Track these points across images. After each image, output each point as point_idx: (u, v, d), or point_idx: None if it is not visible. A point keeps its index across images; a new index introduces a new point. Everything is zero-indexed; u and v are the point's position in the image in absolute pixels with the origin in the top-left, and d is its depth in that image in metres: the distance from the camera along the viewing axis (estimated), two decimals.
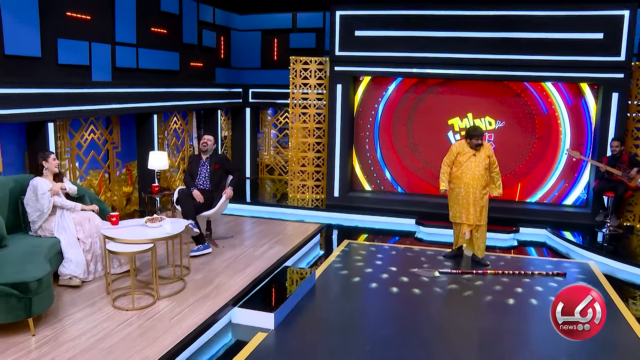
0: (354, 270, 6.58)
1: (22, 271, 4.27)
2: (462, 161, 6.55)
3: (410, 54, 8.95)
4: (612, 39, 8.17)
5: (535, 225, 8.46)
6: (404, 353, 4.58)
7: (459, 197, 6.61)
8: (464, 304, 5.71)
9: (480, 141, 6.50)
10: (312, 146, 10.02)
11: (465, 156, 6.51)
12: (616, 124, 8.33)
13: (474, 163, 6.51)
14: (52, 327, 4.37)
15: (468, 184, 6.48)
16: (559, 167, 9.08)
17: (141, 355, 3.97)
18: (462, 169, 6.55)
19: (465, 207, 6.58)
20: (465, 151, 6.53)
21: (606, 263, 7.07)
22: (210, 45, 10.32)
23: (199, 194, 6.34)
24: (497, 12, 8.53)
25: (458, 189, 6.60)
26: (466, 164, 6.48)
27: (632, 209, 8.63)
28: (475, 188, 6.52)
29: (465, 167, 6.49)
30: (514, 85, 9.03)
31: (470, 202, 6.54)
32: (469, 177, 6.46)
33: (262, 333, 4.78)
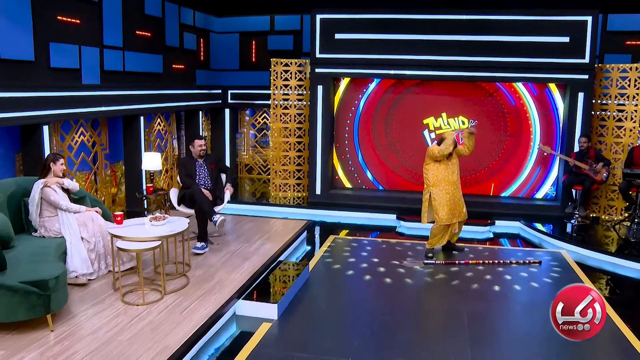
0: (344, 263, 6.90)
1: (39, 270, 4.44)
2: (447, 162, 6.84)
3: (388, 56, 9.31)
4: (577, 42, 8.72)
5: (509, 218, 8.94)
6: (402, 336, 4.92)
7: (449, 198, 6.82)
8: (451, 291, 6.09)
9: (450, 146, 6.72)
10: (293, 145, 10.30)
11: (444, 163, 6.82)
12: (582, 121, 8.89)
13: (455, 162, 6.88)
14: (68, 323, 4.54)
15: (455, 182, 6.82)
16: (531, 163, 9.60)
17: (161, 345, 4.20)
18: (448, 169, 6.81)
19: (457, 205, 6.89)
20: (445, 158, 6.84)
21: (576, 251, 7.58)
22: (191, 48, 10.49)
23: (208, 192, 6.55)
24: (470, 16, 8.98)
25: (447, 189, 6.79)
26: (450, 163, 6.83)
27: (598, 201, 9.23)
28: (459, 185, 6.92)
29: (450, 166, 6.82)
30: (486, 86, 9.50)
31: (459, 198, 6.91)
32: (455, 175, 6.81)
33: (267, 323, 5.05)
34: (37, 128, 6.58)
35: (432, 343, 4.91)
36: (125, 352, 4.08)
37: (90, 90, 7.42)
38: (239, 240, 7.10)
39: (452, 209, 6.84)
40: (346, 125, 10.09)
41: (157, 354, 4.05)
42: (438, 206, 6.84)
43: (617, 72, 8.93)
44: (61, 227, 5.43)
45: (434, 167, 6.81)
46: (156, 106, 9.02)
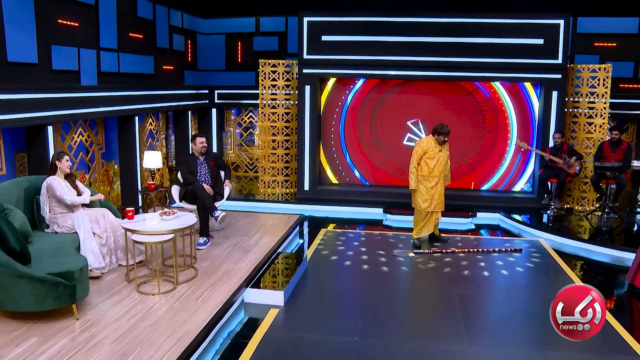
0: (338, 254, 7.30)
1: (64, 262, 4.71)
2: (432, 156, 7.27)
3: (372, 57, 9.71)
4: (551, 44, 9.26)
5: (489, 210, 9.45)
6: (401, 316, 5.36)
7: (433, 189, 7.31)
8: (442, 277, 6.54)
9: (443, 137, 7.28)
10: (281, 144, 10.64)
11: (434, 151, 7.26)
12: (556, 118, 9.45)
13: (442, 157, 7.31)
14: (91, 312, 4.82)
15: (439, 177, 7.27)
16: (509, 158, 10.13)
17: (182, 329, 4.52)
18: (433, 162, 7.26)
19: (439, 197, 7.36)
20: (433, 146, 7.27)
21: (553, 239, 8.11)
22: (179, 49, 10.73)
23: (209, 188, 6.86)
24: (451, 19, 9.45)
25: (431, 181, 7.28)
26: (436, 157, 7.26)
27: (572, 193, 9.82)
28: (442, 179, 7.37)
29: (435, 160, 7.25)
30: (466, 85, 9.99)
31: (441, 191, 7.36)
32: (439, 170, 7.25)
33: (274, 309, 5.40)
34: (42, 129, 6.79)
35: (429, 320, 5.39)
36: (150, 337, 4.40)
37: (90, 92, 7.65)
38: (238, 234, 7.43)
39: (437, 200, 7.33)
40: (332, 123, 10.47)
41: (180, 338, 4.37)
42: (422, 194, 7.34)
43: (587, 72, 9.52)
44: (74, 223, 5.68)
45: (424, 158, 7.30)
46: (149, 106, 9.26)
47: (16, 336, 4.33)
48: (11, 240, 4.53)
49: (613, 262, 7.26)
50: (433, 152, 7.27)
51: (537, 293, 6.16)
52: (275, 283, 5.85)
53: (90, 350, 4.14)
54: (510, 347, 4.83)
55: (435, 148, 7.28)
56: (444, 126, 7.29)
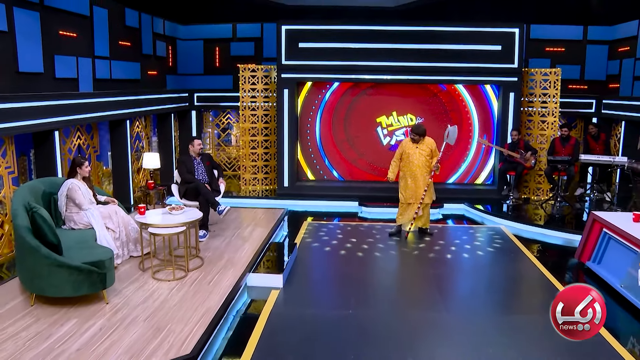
0: (323, 242, 8.09)
1: (94, 253, 5.32)
2: (410, 154, 8.07)
3: (346, 63, 10.52)
4: (507, 50, 10.26)
5: (455, 201, 10.38)
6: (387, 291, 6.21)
7: (409, 183, 8.10)
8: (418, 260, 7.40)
9: (417, 137, 8.04)
10: (260, 143, 11.33)
11: (411, 150, 8.07)
12: (513, 117, 10.46)
13: (418, 154, 8.07)
14: (117, 297, 5.44)
15: (416, 172, 8.04)
16: (471, 154, 11.10)
17: (204, 307, 5.21)
18: (409, 160, 8.05)
19: (415, 190, 8.11)
20: (410, 146, 8.08)
21: (513, 226, 9.08)
22: (162, 55, 11.28)
23: (207, 185, 7.52)
24: (418, 27, 10.35)
25: (408, 176, 8.08)
26: (412, 156, 8.06)
27: (528, 184, 10.89)
28: (421, 174, 8.06)
29: (411, 158, 8.05)
30: (431, 87, 10.90)
31: (419, 186, 8.11)
32: (415, 165, 8.04)
33: (275, 290, 6.13)
34: (49, 134, 7.32)
35: (412, 295, 6.28)
36: (176, 314, 5.07)
37: (88, 98, 8.18)
38: (232, 227, 8.11)
39: (412, 193, 8.10)
40: (309, 124, 11.23)
41: (204, 314, 5.06)
42: (401, 187, 8.20)
43: (540, 75, 10.58)
44: (90, 220, 6.27)
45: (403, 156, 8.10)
46: (138, 110, 9.81)
47: (57, 319, 4.93)
48: (49, 234, 5.13)
49: (565, 244, 8.25)
50: (410, 150, 8.07)
51: (500, 271, 7.14)
52: (273, 268, 6.60)
53: (127, 327, 4.79)
54: (480, 313, 5.74)
55: (412, 146, 8.08)
56: (418, 127, 8.11)
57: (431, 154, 8.12)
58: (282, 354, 4.77)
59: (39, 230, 5.14)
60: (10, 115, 6.43)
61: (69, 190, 6.24)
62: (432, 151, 8.13)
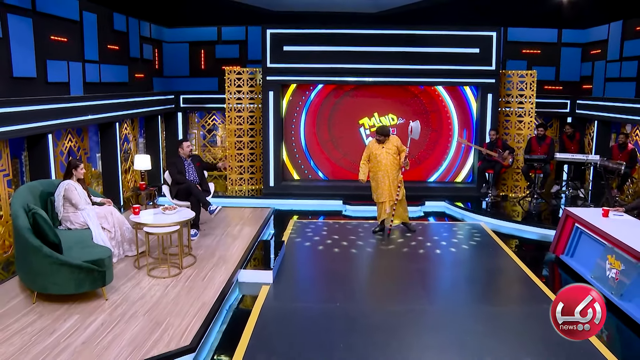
0: (309, 239, 8.40)
1: (93, 252, 5.56)
2: (377, 154, 8.35)
3: (329, 65, 10.83)
4: (485, 53, 10.65)
5: (436, 199, 10.75)
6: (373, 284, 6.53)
7: (379, 182, 8.41)
8: (401, 255, 7.74)
9: (382, 137, 8.28)
10: (246, 144, 11.59)
11: (378, 150, 8.33)
12: (491, 117, 10.87)
13: (384, 154, 8.32)
14: (116, 294, 5.68)
15: (384, 171, 8.30)
16: (451, 153, 11.49)
17: (200, 302, 5.48)
18: (377, 160, 8.34)
19: (385, 189, 8.42)
20: (377, 146, 8.34)
21: (491, 222, 9.47)
22: (148, 58, 11.47)
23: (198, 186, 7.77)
24: (399, 31, 10.69)
25: (378, 176, 8.36)
26: (379, 156, 8.31)
27: (506, 182, 11.32)
28: (390, 173, 8.32)
29: (379, 158, 8.30)
30: (412, 89, 11.25)
31: (388, 183, 8.37)
32: (383, 165, 8.29)
33: (265, 286, 6.42)
34: (42, 137, 7.50)
35: (396, 288, 6.58)
36: (174, 308, 5.33)
37: (79, 102, 8.36)
38: (222, 226, 8.37)
39: (382, 191, 8.36)
40: (293, 125, 11.52)
41: (200, 308, 5.34)
42: (372, 187, 8.50)
43: (516, 77, 11.01)
44: (86, 220, 6.49)
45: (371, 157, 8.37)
46: (127, 113, 10.01)
47: (59, 315, 5.16)
48: (50, 234, 5.35)
49: (541, 239, 8.63)
50: (377, 151, 8.35)
51: (479, 265, 7.51)
52: (263, 264, 6.88)
53: (128, 321, 5.04)
54: (460, 304, 6.10)
55: (379, 147, 8.36)
56: (382, 127, 8.38)
57: (398, 151, 8.36)
58: (276, 344, 5.06)
59: (41, 231, 5.36)
60: (7, 120, 6.61)
61: (65, 190, 6.45)
62: (398, 148, 8.36)
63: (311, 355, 4.84)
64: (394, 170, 8.35)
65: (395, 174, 8.38)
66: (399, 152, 8.38)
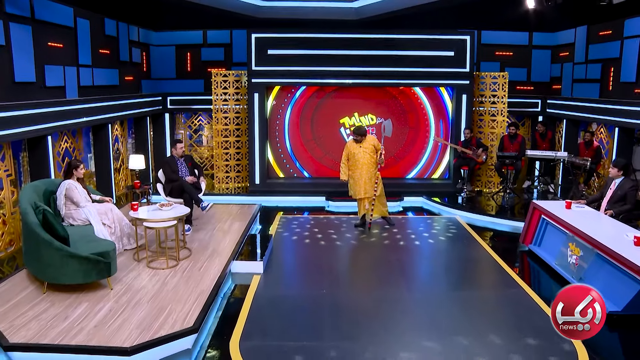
0: (295, 233, 8.93)
1: (99, 245, 6.01)
2: (355, 153, 8.85)
3: (311, 68, 11.34)
4: (460, 55, 11.26)
5: (414, 194, 11.33)
6: (358, 274, 7.07)
7: (357, 180, 8.90)
8: (382, 247, 8.30)
9: (359, 137, 8.80)
10: (232, 144, 12.06)
11: (356, 149, 8.83)
12: (466, 116, 11.49)
13: (362, 152, 8.81)
14: (120, 284, 6.13)
15: (362, 169, 8.80)
16: (428, 151, 12.09)
17: (198, 290, 5.96)
18: (355, 158, 8.84)
19: (362, 186, 8.92)
20: (355, 146, 8.84)
21: (467, 216, 10.08)
22: (137, 61, 11.85)
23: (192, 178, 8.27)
24: (378, 35, 11.26)
25: (355, 174, 8.86)
26: (357, 155, 8.81)
27: (480, 178, 11.96)
28: (367, 171, 8.82)
29: (357, 157, 8.81)
30: (391, 90, 11.83)
31: (365, 181, 8.85)
32: (361, 163, 8.79)
33: (256, 276, 6.92)
34: (42, 139, 7.90)
35: (377, 277, 7.14)
36: (175, 296, 5.81)
37: (74, 105, 8.76)
38: (212, 222, 8.85)
39: (359, 188, 8.87)
40: (277, 125, 12.02)
41: (199, 295, 5.82)
42: (350, 184, 9.02)
43: (490, 78, 11.65)
44: (87, 216, 6.92)
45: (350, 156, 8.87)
46: (118, 114, 10.41)
47: (70, 303, 5.60)
48: (59, 229, 5.80)
49: (513, 231, 9.21)
50: (355, 150, 8.84)
51: (454, 255, 8.12)
52: (254, 256, 7.38)
53: (134, 307, 5.51)
54: (437, 291, 6.70)
55: (357, 146, 8.85)
56: (359, 128, 8.89)
57: (375, 149, 8.86)
58: (269, 326, 5.58)
59: (50, 226, 5.80)
60: (11, 123, 7.02)
61: (67, 190, 6.88)
62: (375, 147, 8.86)
63: (301, 335, 5.37)
64: (372, 168, 8.84)
65: (372, 171, 8.85)
66: (376, 151, 8.87)
